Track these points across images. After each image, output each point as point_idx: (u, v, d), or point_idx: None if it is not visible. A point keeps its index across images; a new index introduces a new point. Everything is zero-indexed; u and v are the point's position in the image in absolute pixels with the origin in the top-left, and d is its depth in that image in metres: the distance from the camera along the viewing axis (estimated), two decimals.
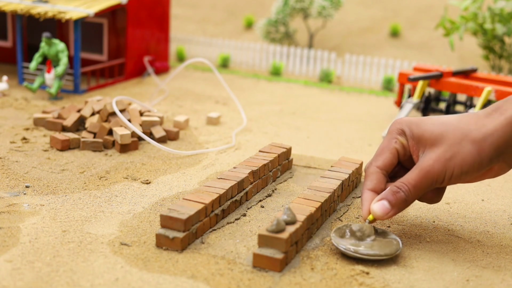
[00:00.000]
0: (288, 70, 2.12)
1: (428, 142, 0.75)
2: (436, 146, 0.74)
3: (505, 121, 0.73)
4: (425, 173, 0.74)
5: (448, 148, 0.74)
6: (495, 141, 0.73)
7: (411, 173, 0.75)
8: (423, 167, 0.74)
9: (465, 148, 0.73)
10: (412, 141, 0.77)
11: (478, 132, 0.73)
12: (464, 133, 0.73)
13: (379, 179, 0.78)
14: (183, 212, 0.75)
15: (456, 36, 2.19)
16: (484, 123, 0.74)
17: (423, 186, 0.75)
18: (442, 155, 0.74)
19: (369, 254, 0.73)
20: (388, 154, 0.78)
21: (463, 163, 0.73)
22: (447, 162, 0.73)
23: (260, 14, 2.59)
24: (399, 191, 0.75)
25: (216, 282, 0.67)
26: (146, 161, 1.08)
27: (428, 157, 0.74)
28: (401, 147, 0.78)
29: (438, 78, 1.46)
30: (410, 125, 0.77)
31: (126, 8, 1.74)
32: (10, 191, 0.91)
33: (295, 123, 1.43)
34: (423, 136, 0.76)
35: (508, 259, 0.77)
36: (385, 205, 0.75)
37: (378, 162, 0.79)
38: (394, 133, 0.79)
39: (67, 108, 1.26)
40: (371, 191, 0.78)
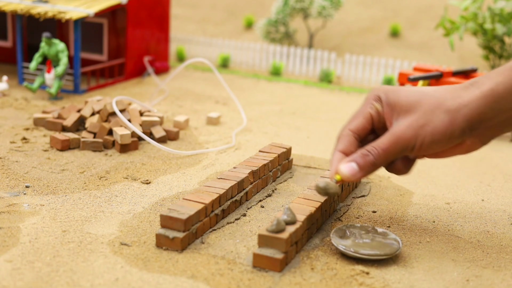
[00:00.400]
0: (288, 70, 2.12)
1: (402, 109, 0.75)
2: (409, 113, 0.75)
3: (480, 95, 0.73)
4: (396, 138, 0.74)
5: (421, 115, 0.74)
6: (469, 113, 0.73)
7: (383, 137, 0.76)
8: (394, 133, 0.75)
9: (438, 116, 0.73)
10: (388, 107, 0.77)
11: (452, 102, 0.73)
12: (439, 102, 0.74)
13: (350, 142, 0.79)
14: (183, 212, 0.75)
15: (456, 36, 2.19)
16: (460, 94, 0.74)
17: (393, 151, 0.75)
18: (414, 122, 0.74)
19: (369, 254, 0.73)
20: (361, 118, 0.79)
21: (435, 131, 0.73)
22: (419, 129, 0.74)
23: (260, 14, 2.59)
24: (368, 154, 0.76)
25: (216, 282, 0.67)
26: (146, 161, 1.08)
27: (401, 123, 0.75)
28: (375, 113, 0.78)
29: (438, 78, 1.46)
30: (387, 92, 0.78)
31: (126, 8, 1.74)
32: (10, 191, 0.91)
33: (295, 123, 1.43)
34: (398, 103, 0.76)
35: (508, 259, 0.77)
36: (353, 167, 0.76)
37: (351, 125, 0.79)
38: (370, 99, 0.79)
39: (67, 108, 1.26)
40: (341, 152, 0.79)
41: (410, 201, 0.96)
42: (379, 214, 0.90)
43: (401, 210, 0.92)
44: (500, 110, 0.73)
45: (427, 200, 0.97)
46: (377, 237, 0.77)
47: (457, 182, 1.07)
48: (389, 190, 1.00)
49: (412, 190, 1.01)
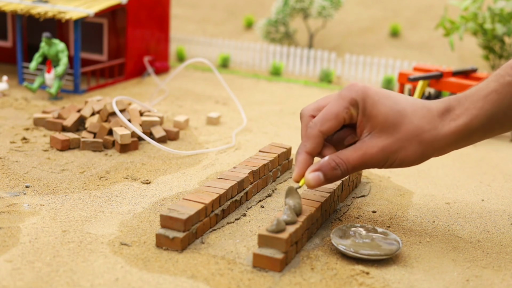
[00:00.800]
0: (288, 70, 2.12)
1: (378, 126, 0.75)
2: (385, 134, 0.75)
3: (455, 129, 0.75)
4: (367, 158, 0.75)
5: (396, 141, 0.75)
6: (440, 146, 0.76)
7: (354, 152, 0.76)
8: (367, 152, 0.75)
9: (412, 147, 0.75)
10: (363, 117, 0.76)
11: (428, 135, 0.75)
12: (416, 133, 0.75)
13: (318, 144, 0.78)
14: (183, 212, 0.75)
15: (456, 36, 2.19)
16: (436, 125, 0.75)
17: (360, 168, 0.77)
18: (388, 146, 0.75)
19: (369, 254, 0.73)
20: (334, 121, 0.77)
21: (405, 159, 0.76)
22: (391, 154, 0.75)
23: (260, 14, 2.59)
24: (337, 168, 0.76)
25: (216, 282, 0.67)
26: (146, 161, 1.08)
27: (375, 143, 0.75)
28: (349, 117, 0.77)
29: (438, 78, 1.46)
30: (365, 100, 0.76)
31: (126, 8, 1.74)
32: (10, 191, 0.91)
33: (295, 123, 1.43)
34: (375, 118, 0.75)
35: (508, 259, 0.77)
36: (320, 177, 0.77)
37: (323, 127, 0.77)
38: (346, 101, 0.76)
39: (67, 108, 1.26)
40: (309, 154, 0.78)
41: (410, 201, 0.96)
42: (379, 214, 0.90)
43: (401, 210, 0.92)
44: (470, 141, 0.77)
45: (427, 200, 0.97)
46: (377, 237, 0.77)
47: (457, 182, 1.07)
48: (389, 190, 1.00)
49: (412, 190, 1.01)
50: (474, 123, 0.75)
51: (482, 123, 0.75)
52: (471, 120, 0.74)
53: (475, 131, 0.75)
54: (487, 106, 0.74)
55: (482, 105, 0.74)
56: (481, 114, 0.74)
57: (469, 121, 0.74)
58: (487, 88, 0.75)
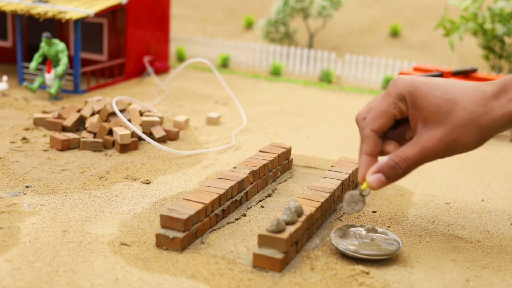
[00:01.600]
0: (288, 70, 2.12)
1: (432, 117, 0.73)
2: (440, 124, 0.73)
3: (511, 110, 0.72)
4: (427, 152, 0.73)
5: (453, 129, 0.73)
6: (499, 126, 0.73)
7: (412, 148, 0.74)
8: (426, 146, 0.73)
9: (471, 132, 0.73)
10: (413, 110, 0.74)
11: (485, 118, 0.73)
12: (472, 117, 0.73)
13: (375, 142, 0.77)
14: (183, 212, 0.75)
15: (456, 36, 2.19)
16: (492, 106, 0.73)
17: (422, 162, 0.74)
18: (446, 136, 0.73)
19: (369, 254, 0.73)
20: (384, 118, 0.76)
21: (466, 145, 0.73)
22: (451, 143, 0.73)
23: (260, 14, 2.59)
24: (397, 167, 0.74)
25: (216, 282, 0.67)
26: (146, 161, 1.08)
27: (432, 135, 0.73)
28: (399, 113, 0.76)
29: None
30: (413, 93, 0.74)
31: (126, 8, 1.74)
32: (10, 191, 0.91)
33: (295, 123, 1.43)
34: (427, 110, 0.73)
35: (508, 259, 0.77)
36: (382, 178, 0.75)
37: (374, 125, 0.76)
38: (393, 97, 0.75)
39: (67, 108, 1.26)
40: (368, 155, 0.77)
41: (410, 201, 0.96)
42: (379, 214, 0.90)
43: (401, 210, 0.92)
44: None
45: (427, 200, 0.97)
46: (377, 237, 0.77)
47: (457, 182, 1.07)
48: (389, 190, 1.00)
49: (412, 190, 1.01)
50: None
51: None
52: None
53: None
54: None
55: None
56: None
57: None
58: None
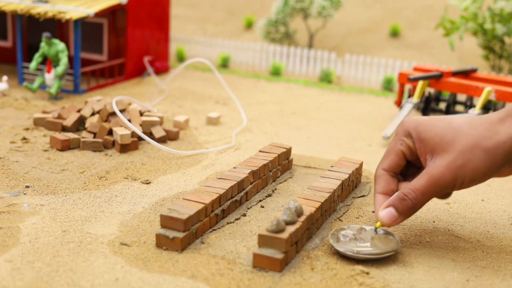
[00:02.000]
0: (288, 70, 2.12)
1: (437, 147, 0.74)
2: (446, 152, 0.73)
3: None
4: (435, 181, 0.73)
5: (459, 155, 0.72)
6: (508, 149, 0.72)
7: (420, 179, 0.74)
8: (432, 174, 0.73)
9: (477, 156, 0.72)
10: (420, 143, 0.76)
11: (491, 140, 0.72)
12: (477, 141, 0.72)
13: (387, 181, 0.78)
14: (183, 212, 0.75)
15: (456, 36, 2.19)
16: (497, 130, 0.72)
17: (432, 193, 0.74)
18: (453, 162, 0.72)
19: (370, 254, 0.73)
20: (393, 156, 0.78)
21: (475, 171, 0.72)
22: (458, 170, 0.72)
23: (260, 14, 2.59)
24: (406, 199, 0.74)
25: (216, 282, 0.67)
26: (146, 161, 1.08)
27: (438, 164, 0.73)
28: (407, 149, 0.77)
29: (438, 78, 1.46)
30: (417, 127, 0.76)
31: (126, 8, 1.74)
32: (10, 191, 0.91)
33: (295, 123, 1.43)
34: (432, 140, 0.74)
35: (508, 259, 0.77)
36: (393, 212, 0.75)
37: (384, 164, 0.79)
38: (400, 135, 0.78)
39: (67, 108, 1.26)
40: (381, 194, 0.78)
41: None
42: None
43: None
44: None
45: None
46: (376, 237, 0.77)
47: None
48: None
49: None
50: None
51: None
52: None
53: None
54: None
55: None
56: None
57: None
58: None
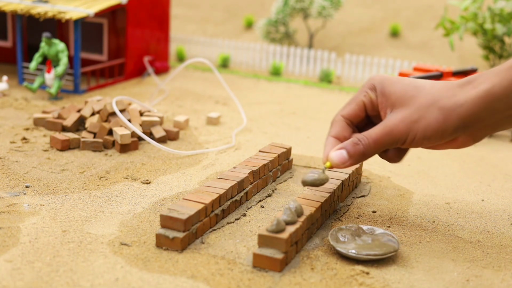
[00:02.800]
0: (288, 70, 2.12)
1: (397, 101, 0.76)
2: (404, 106, 0.75)
3: (476, 95, 0.72)
4: (388, 131, 0.75)
5: (415, 110, 0.75)
6: (463, 112, 0.73)
7: (375, 128, 0.76)
8: (387, 125, 0.76)
9: (432, 113, 0.74)
10: (382, 97, 0.78)
11: (448, 101, 0.74)
12: (435, 99, 0.74)
13: (342, 127, 0.80)
14: (183, 212, 0.75)
15: (456, 36, 2.19)
16: (456, 93, 0.74)
17: (383, 143, 0.76)
18: (408, 116, 0.75)
19: (368, 254, 0.73)
20: (354, 105, 0.80)
21: (427, 128, 0.74)
22: (412, 124, 0.74)
23: (260, 14, 2.59)
24: (359, 143, 0.77)
25: (216, 282, 0.67)
26: (146, 161, 1.08)
27: (394, 116, 0.76)
28: (369, 101, 0.79)
29: (438, 78, 1.46)
30: (383, 81, 0.78)
31: (126, 8, 1.74)
32: (10, 191, 0.91)
33: (295, 123, 1.43)
34: (393, 94, 0.76)
35: (508, 259, 0.77)
36: (343, 154, 0.77)
37: (343, 111, 0.81)
38: (365, 87, 0.80)
39: (67, 108, 1.26)
40: (334, 137, 0.80)
41: (410, 201, 0.96)
42: (379, 214, 0.90)
43: (401, 210, 0.92)
44: (495, 111, 0.73)
45: (427, 200, 0.97)
46: (375, 237, 0.77)
47: (457, 182, 1.07)
48: (389, 190, 1.00)
49: (412, 190, 1.01)
50: (496, 89, 0.72)
51: (504, 90, 0.71)
52: (493, 87, 0.72)
53: (497, 99, 0.72)
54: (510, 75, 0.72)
55: (505, 74, 0.72)
56: (504, 81, 0.72)
57: (490, 87, 0.72)
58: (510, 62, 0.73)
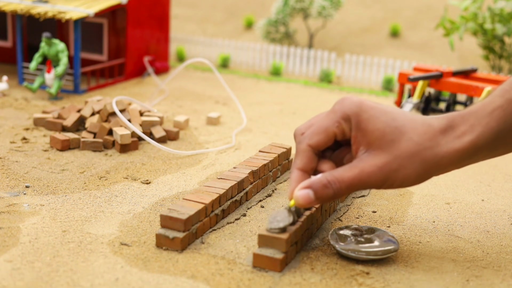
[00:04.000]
0: (288, 70, 2.12)
1: (375, 142, 0.70)
2: (383, 151, 0.70)
3: (460, 148, 0.70)
4: (364, 178, 0.70)
5: (395, 159, 0.70)
6: (444, 165, 0.70)
7: (349, 170, 0.70)
8: (363, 170, 0.70)
9: (413, 165, 0.70)
10: (357, 132, 0.71)
11: (430, 152, 0.70)
12: (417, 150, 0.70)
13: (309, 158, 0.73)
14: (183, 212, 0.75)
15: (456, 36, 2.19)
16: (439, 141, 0.70)
17: (356, 188, 0.71)
18: (387, 165, 0.70)
19: (369, 254, 0.73)
20: (324, 136, 0.73)
21: (406, 178, 0.70)
22: (390, 173, 0.70)
23: (260, 14, 2.59)
24: (328, 187, 0.70)
25: (216, 282, 0.67)
26: (146, 161, 1.08)
27: (372, 162, 0.70)
28: (340, 132, 0.72)
29: (438, 78, 1.46)
30: (359, 113, 0.71)
31: (126, 8, 1.74)
32: (10, 191, 0.91)
33: (295, 123, 1.43)
34: (371, 134, 0.70)
35: (508, 259, 0.77)
36: (310, 195, 0.70)
37: (311, 140, 0.73)
38: (338, 115, 0.72)
39: (67, 108, 1.26)
40: (300, 170, 0.73)
41: (410, 201, 0.96)
42: (379, 214, 0.90)
43: (401, 210, 0.92)
44: (477, 158, 0.71)
45: (427, 200, 0.97)
46: (375, 237, 0.77)
47: (457, 182, 1.07)
48: (389, 190, 1.00)
49: (412, 190, 1.01)
50: (480, 141, 0.69)
51: (487, 141, 0.69)
52: (477, 138, 0.69)
53: (480, 150, 0.70)
54: (493, 123, 0.69)
55: (488, 122, 0.69)
56: (487, 132, 0.69)
57: (475, 139, 0.69)
58: (492, 104, 0.70)
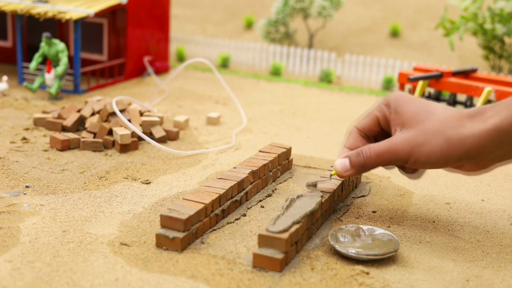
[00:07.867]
0: (288, 70, 2.12)
1: (408, 121, 0.78)
2: (412, 128, 0.77)
3: (484, 129, 0.72)
4: (392, 148, 0.77)
5: (421, 134, 0.76)
6: (468, 145, 0.73)
7: (381, 142, 0.79)
8: (392, 142, 0.77)
9: (437, 141, 0.75)
10: (395, 114, 0.80)
11: (454, 131, 0.74)
12: (442, 127, 0.75)
13: (355, 138, 0.84)
14: (183, 212, 0.75)
15: (456, 36, 2.19)
16: (464, 123, 0.74)
17: (385, 158, 0.78)
18: (414, 138, 0.76)
19: (368, 254, 0.73)
20: (368, 119, 0.84)
21: (431, 153, 0.75)
22: (416, 147, 0.76)
23: (260, 14, 2.59)
24: (360, 155, 0.79)
25: (216, 282, 0.67)
26: (146, 161, 1.08)
27: (401, 135, 0.77)
28: (382, 116, 0.82)
29: (438, 78, 1.46)
30: (398, 99, 0.80)
31: (126, 8, 1.74)
32: (10, 191, 0.91)
33: (295, 123, 1.43)
34: (405, 114, 0.78)
35: (508, 259, 0.77)
36: (346, 163, 0.80)
37: (358, 124, 0.85)
38: (381, 103, 0.83)
39: (67, 108, 1.26)
40: (348, 148, 0.84)
41: (410, 201, 0.96)
42: (379, 214, 0.90)
43: (401, 210, 0.92)
44: (502, 145, 0.72)
45: (427, 200, 0.97)
46: (375, 237, 0.77)
47: (457, 182, 1.07)
48: (389, 190, 1.00)
49: (412, 190, 1.01)
50: (504, 124, 0.70)
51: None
52: (502, 121, 0.71)
53: (506, 134, 0.71)
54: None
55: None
56: None
57: (499, 122, 0.71)
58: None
